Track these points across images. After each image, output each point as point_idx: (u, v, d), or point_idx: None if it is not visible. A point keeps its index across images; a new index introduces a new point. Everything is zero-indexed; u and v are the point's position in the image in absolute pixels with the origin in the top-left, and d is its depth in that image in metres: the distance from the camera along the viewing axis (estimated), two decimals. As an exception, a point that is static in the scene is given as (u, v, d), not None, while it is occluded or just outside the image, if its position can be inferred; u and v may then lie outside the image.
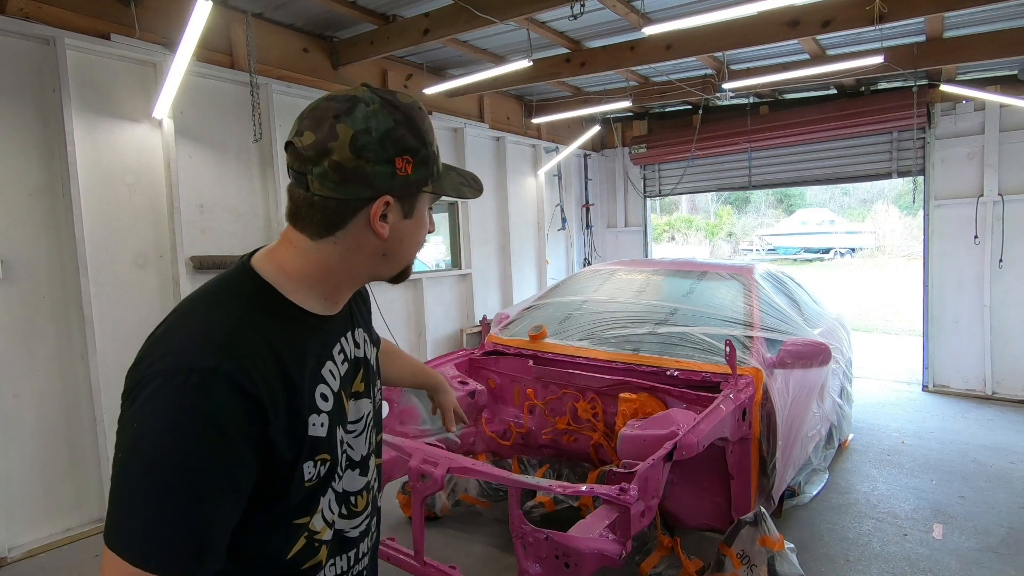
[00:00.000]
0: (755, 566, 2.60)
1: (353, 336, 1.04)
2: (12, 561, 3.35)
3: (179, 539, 0.73)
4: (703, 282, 3.86)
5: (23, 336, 3.44)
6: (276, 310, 0.90)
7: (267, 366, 0.83)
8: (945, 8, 4.05)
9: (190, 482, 0.74)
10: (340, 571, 1.01)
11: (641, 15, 4.42)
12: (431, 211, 1.03)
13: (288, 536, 0.90)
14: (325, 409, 0.92)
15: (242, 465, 0.79)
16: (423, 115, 0.93)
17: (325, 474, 0.92)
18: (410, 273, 1.04)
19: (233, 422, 0.77)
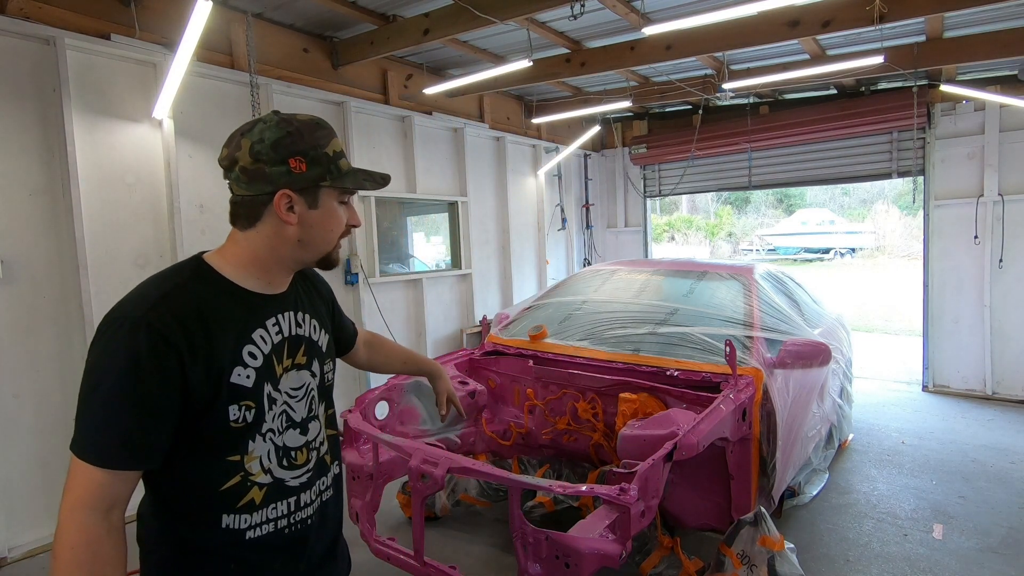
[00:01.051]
0: (755, 566, 2.60)
1: (295, 316, 1.26)
2: (12, 561, 3.35)
3: (109, 440, 1.02)
4: (703, 282, 3.86)
5: (23, 336, 3.44)
6: (209, 283, 1.16)
7: (189, 320, 1.07)
8: (945, 8, 4.05)
9: (117, 400, 1.02)
10: (280, 514, 1.20)
11: (641, 15, 4.42)
12: (346, 206, 1.24)
13: (223, 471, 1.13)
14: (253, 365, 1.15)
15: (158, 390, 1.03)
16: (317, 127, 1.17)
17: (252, 420, 1.14)
18: (337, 261, 1.26)
19: (151, 358, 1.02)
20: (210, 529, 1.14)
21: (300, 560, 1.25)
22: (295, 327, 1.25)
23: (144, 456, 1.04)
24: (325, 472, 1.32)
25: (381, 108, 5.55)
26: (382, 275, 5.63)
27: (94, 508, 1.00)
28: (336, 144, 1.20)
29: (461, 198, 6.49)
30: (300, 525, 1.24)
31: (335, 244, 1.23)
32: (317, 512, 1.28)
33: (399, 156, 5.83)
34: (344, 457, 2.83)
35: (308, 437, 1.26)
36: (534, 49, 5.11)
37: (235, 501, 1.15)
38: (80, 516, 0.99)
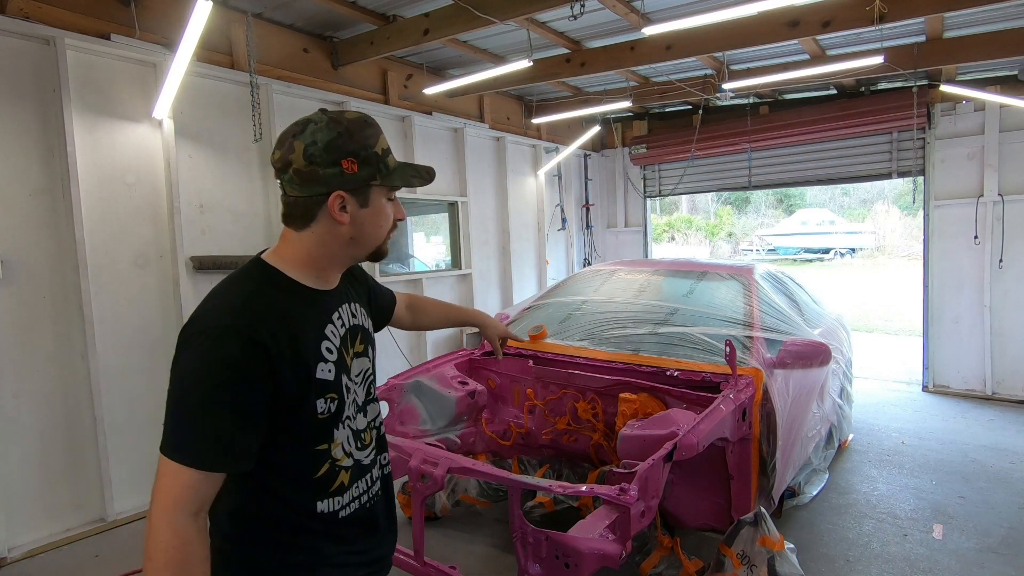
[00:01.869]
0: (755, 566, 2.60)
1: (350, 308, 1.33)
2: (12, 561, 3.35)
3: (203, 444, 1.05)
4: (703, 282, 3.86)
5: (23, 336, 3.44)
6: (280, 285, 1.19)
7: (274, 323, 1.11)
8: (945, 8, 4.05)
9: (213, 405, 1.05)
10: (360, 492, 1.30)
11: (641, 15, 4.42)
12: (393, 202, 1.27)
13: (313, 460, 1.20)
14: (331, 360, 1.21)
15: (250, 394, 1.07)
16: (365, 126, 1.20)
17: (335, 410, 1.21)
18: (386, 253, 1.31)
19: (244, 364, 1.07)
20: (305, 515, 1.20)
21: (376, 531, 1.34)
22: (351, 318, 1.32)
23: (238, 457, 1.08)
24: (384, 449, 1.42)
25: (381, 108, 5.55)
26: (382, 275, 5.63)
27: (185, 510, 1.03)
28: (383, 141, 1.22)
29: (461, 198, 6.49)
30: (373, 499, 1.33)
31: (383, 238, 1.28)
32: (381, 486, 1.38)
33: (399, 156, 5.77)
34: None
35: (369, 418, 1.35)
36: (534, 49, 5.11)
37: (328, 486, 1.22)
38: (173, 518, 1.02)
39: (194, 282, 4.19)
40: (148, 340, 3.97)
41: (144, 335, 3.95)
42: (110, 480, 3.73)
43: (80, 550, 3.50)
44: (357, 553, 1.29)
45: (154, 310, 4.00)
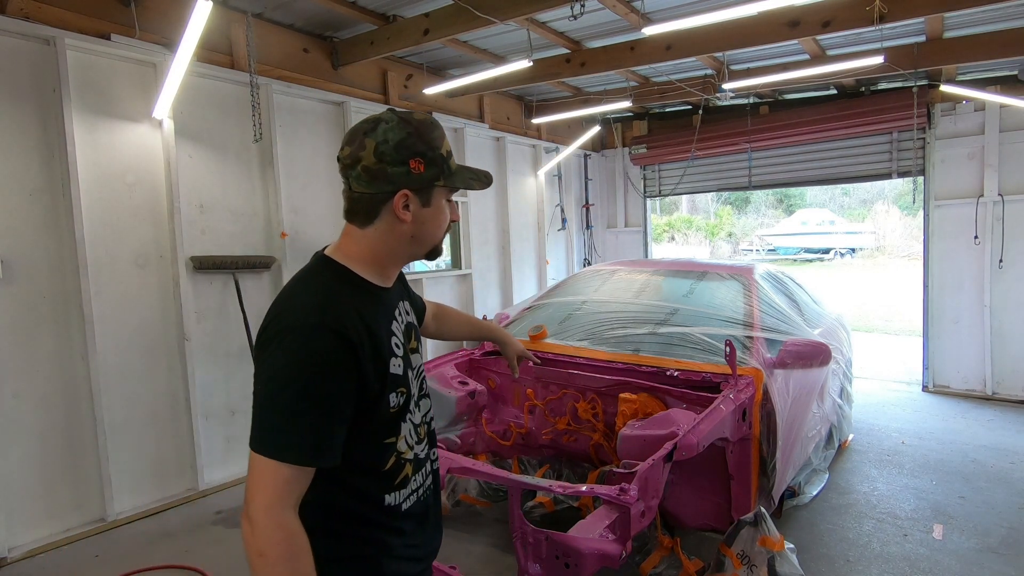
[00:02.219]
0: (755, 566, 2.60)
1: (404, 305, 1.36)
2: (12, 561, 3.35)
3: (301, 439, 1.06)
4: (703, 282, 3.86)
5: (23, 336, 3.44)
6: (351, 283, 1.21)
7: (354, 320, 1.14)
8: (945, 8, 4.05)
9: (305, 400, 1.06)
10: (418, 485, 1.32)
11: (641, 15, 4.42)
12: (452, 203, 1.30)
13: (382, 453, 1.23)
14: (399, 355, 1.25)
15: (341, 389, 1.10)
16: (433, 127, 1.23)
17: (403, 404, 1.25)
18: (440, 252, 1.33)
19: (334, 359, 1.09)
20: (374, 509, 1.23)
21: (427, 525, 1.36)
22: (406, 315, 1.36)
23: (330, 451, 1.11)
24: (434, 444, 1.44)
25: (381, 108, 5.51)
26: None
27: (287, 505, 1.06)
28: (447, 144, 1.26)
29: (461, 198, 6.48)
30: (427, 492, 1.36)
31: (440, 237, 1.30)
32: (432, 480, 1.40)
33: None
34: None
35: (422, 412, 1.37)
36: (534, 49, 5.11)
37: (394, 479, 1.25)
38: (278, 513, 1.04)
39: (194, 282, 4.19)
40: (148, 340, 3.97)
41: (144, 335, 3.95)
42: (110, 480, 3.73)
43: (80, 550, 3.50)
44: (413, 547, 1.31)
45: (154, 310, 4.00)
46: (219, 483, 4.31)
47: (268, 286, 4.68)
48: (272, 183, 4.63)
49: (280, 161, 4.68)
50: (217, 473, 4.33)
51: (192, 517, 3.90)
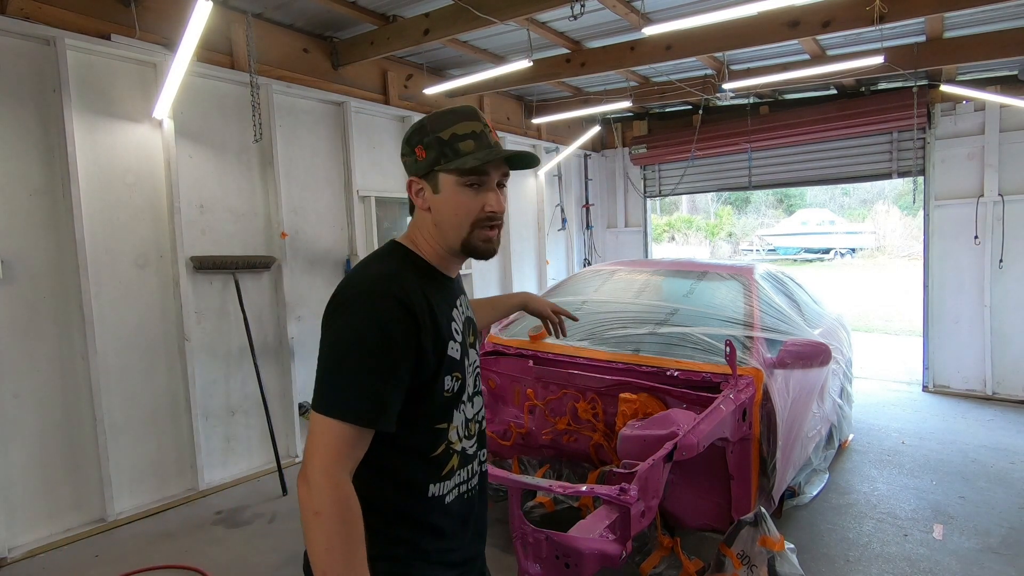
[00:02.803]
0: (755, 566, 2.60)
1: (464, 299, 1.39)
2: (12, 561, 3.35)
3: (362, 400, 1.09)
4: (703, 282, 3.86)
5: (23, 336, 3.44)
6: (417, 265, 1.26)
7: (418, 295, 1.17)
8: (945, 8, 4.05)
9: (369, 363, 1.10)
10: (462, 480, 1.31)
11: (641, 15, 4.42)
12: (474, 188, 1.22)
13: (434, 437, 1.23)
14: (458, 340, 1.27)
15: (402, 355, 1.12)
16: (447, 114, 1.24)
17: (457, 390, 1.26)
18: (480, 250, 1.27)
19: (397, 326, 1.12)
20: (416, 500, 1.22)
21: (469, 525, 1.33)
22: (466, 308, 1.39)
23: (389, 415, 1.12)
24: (485, 444, 1.41)
25: (381, 108, 5.55)
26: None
27: (344, 467, 1.08)
28: (462, 128, 1.21)
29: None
30: (471, 492, 1.34)
31: (466, 229, 1.24)
32: (479, 481, 1.37)
33: (399, 156, 5.82)
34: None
35: (475, 409, 1.36)
36: (534, 49, 5.11)
37: (440, 469, 1.24)
38: (335, 474, 1.06)
39: (194, 282, 4.19)
40: (148, 340, 3.97)
41: (144, 335, 3.95)
42: (110, 480, 3.73)
43: (80, 550, 3.50)
44: (449, 551, 1.28)
45: (154, 310, 4.00)
46: (219, 483, 4.31)
47: (268, 286, 4.68)
48: (272, 183, 4.64)
49: (280, 161, 4.68)
50: (217, 473, 4.33)
51: (192, 517, 3.90)
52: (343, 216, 5.26)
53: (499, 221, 1.26)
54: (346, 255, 5.27)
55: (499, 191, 1.26)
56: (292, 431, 4.81)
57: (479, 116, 1.24)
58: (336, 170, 5.20)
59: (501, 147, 1.24)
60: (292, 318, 4.79)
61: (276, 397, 4.72)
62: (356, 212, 5.30)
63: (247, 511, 3.96)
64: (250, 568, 3.28)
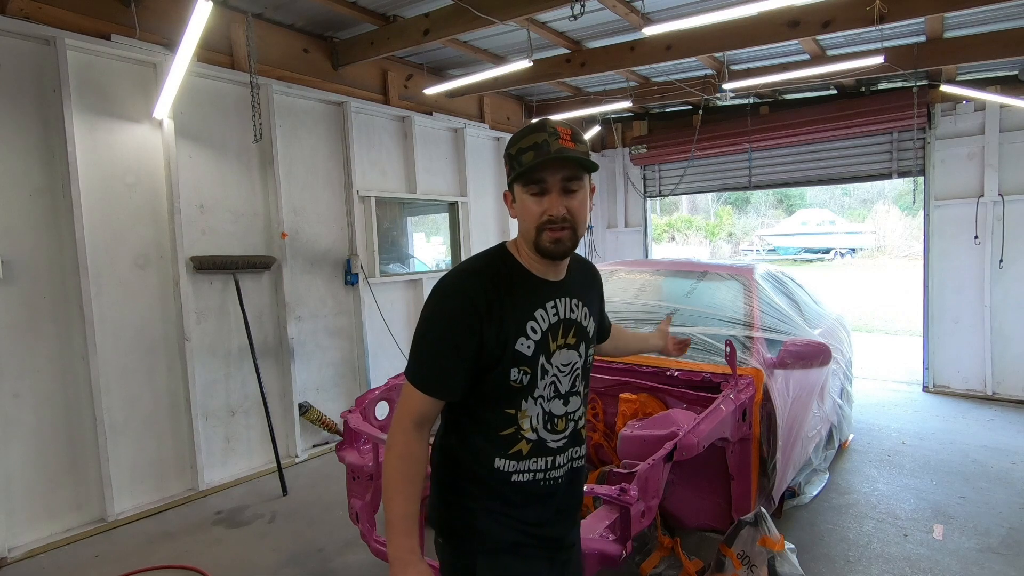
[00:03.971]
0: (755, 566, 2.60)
1: (570, 302, 1.48)
2: (12, 561, 3.35)
3: (428, 373, 1.36)
4: (703, 282, 3.85)
5: (23, 336, 3.44)
6: (506, 263, 1.42)
7: (491, 293, 1.35)
8: (945, 8, 4.05)
9: (437, 345, 1.36)
10: (539, 468, 1.45)
11: (641, 15, 4.42)
12: (539, 197, 1.36)
13: (501, 419, 1.41)
14: (533, 338, 1.39)
15: (464, 340, 1.34)
16: (522, 132, 1.38)
17: (527, 383, 1.40)
18: (548, 251, 1.38)
19: (461, 316, 1.34)
20: (486, 467, 1.42)
21: (547, 506, 1.48)
22: (569, 311, 1.47)
23: (451, 388, 1.37)
24: (579, 443, 1.54)
25: (381, 108, 5.55)
26: (382, 275, 5.63)
27: (415, 422, 1.36)
28: (526, 141, 1.35)
29: (461, 198, 6.49)
30: (552, 482, 1.47)
31: (533, 233, 1.37)
32: (566, 475, 1.50)
33: (399, 156, 5.83)
34: (344, 457, 2.83)
35: (568, 408, 1.48)
36: (534, 49, 5.11)
37: (507, 448, 1.42)
38: (404, 425, 1.36)
39: (194, 282, 4.19)
40: (148, 340, 3.97)
41: (144, 335, 3.95)
42: (110, 480, 3.73)
43: (80, 550, 3.50)
44: (518, 519, 1.44)
45: (154, 310, 4.00)
46: (219, 483, 4.31)
47: (268, 286, 4.68)
48: (272, 183, 4.63)
49: (280, 161, 4.68)
50: (217, 473, 4.33)
51: (192, 517, 3.90)
52: (343, 216, 5.26)
53: (564, 224, 1.36)
54: (346, 255, 5.27)
55: (565, 195, 1.36)
56: (292, 431, 4.81)
57: (546, 127, 1.36)
58: (336, 170, 5.20)
59: (563, 152, 1.33)
60: (292, 318, 4.79)
61: (276, 397, 4.72)
62: (356, 212, 5.30)
63: (247, 511, 3.96)
64: (250, 568, 3.28)
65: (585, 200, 1.41)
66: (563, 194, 1.36)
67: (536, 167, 1.33)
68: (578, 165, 1.36)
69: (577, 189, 1.37)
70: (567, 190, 1.36)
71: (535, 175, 1.34)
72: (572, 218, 1.36)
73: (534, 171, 1.33)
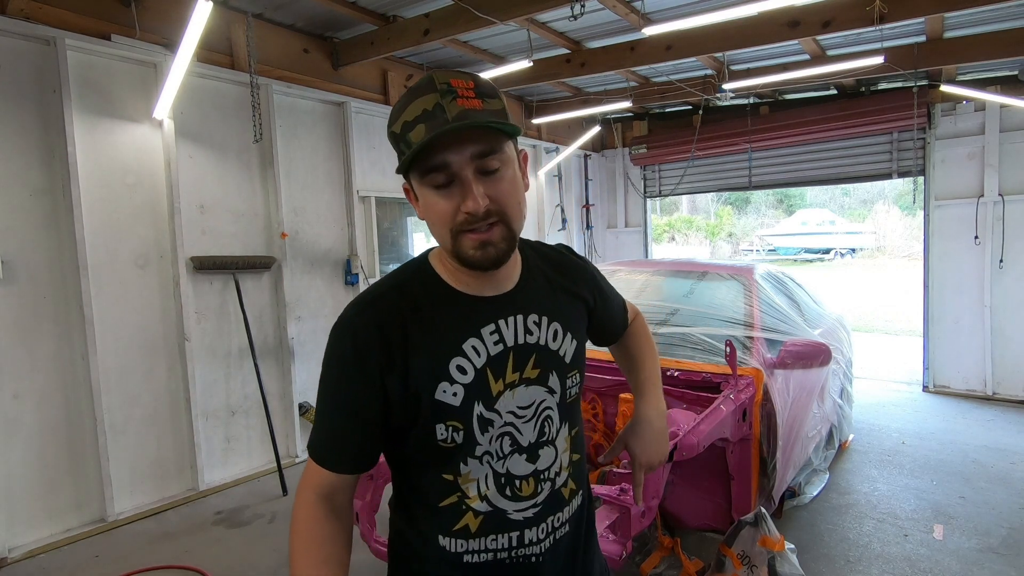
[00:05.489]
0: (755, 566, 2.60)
1: (524, 321, 1.06)
2: (12, 561, 3.35)
3: (323, 440, 1.02)
4: (703, 282, 3.86)
5: (23, 336, 3.44)
6: (426, 285, 1.04)
7: (393, 330, 0.98)
8: (945, 8, 4.05)
9: (329, 402, 1.01)
10: (501, 547, 1.06)
11: (641, 15, 4.42)
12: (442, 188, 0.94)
13: (439, 486, 1.04)
14: (462, 381, 1.00)
15: (361, 395, 0.99)
16: (401, 99, 0.95)
17: (463, 441, 1.01)
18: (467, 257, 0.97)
19: (353, 365, 0.98)
20: (431, 546, 1.06)
21: None
22: (524, 334, 1.05)
23: (353, 459, 1.02)
24: (560, 507, 1.11)
25: (382, 108, 5.55)
26: (382, 275, 5.62)
27: (318, 495, 1.02)
28: (411, 110, 0.92)
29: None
30: (525, 560, 1.08)
31: (448, 240, 0.97)
32: (549, 550, 1.10)
33: (399, 156, 5.82)
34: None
35: (540, 465, 1.07)
36: (534, 49, 5.11)
37: (450, 523, 1.04)
38: (307, 496, 1.02)
39: (194, 282, 4.19)
40: (148, 340, 3.97)
41: (144, 335, 3.95)
42: (110, 480, 3.73)
43: (80, 550, 3.49)
44: None
45: (154, 310, 4.00)
46: (219, 483, 4.31)
47: (268, 286, 4.68)
48: (272, 183, 4.64)
49: (280, 161, 4.68)
50: (217, 473, 4.33)
51: (192, 517, 3.90)
52: (343, 216, 5.26)
53: (489, 219, 0.94)
54: (346, 255, 5.27)
55: (483, 178, 0.94)
56: (292, 431, 4.81)
57: (435, 85, 0.92)
58: (336, 170, 5.20)
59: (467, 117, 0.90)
60: (292, 318, 4.79)
61: (276, 397, 4.72)
62: (356, 212, 5.30)
63: (247, 511, 3.96)
64: (250, 568, 3.28)
65: (515, 179, 0.99)
66: (480, 177, 0.94)
67: (430, 147, 0.90)
68: (494, 132, 0.95)
69: (499, 166, 0.96)
70: (484, 170, 0.94)
71: (433, 159, 0.92)
72: (500, 208, 0.95)
73: (430, 153, 0.91)
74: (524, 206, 1.01)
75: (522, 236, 1.07)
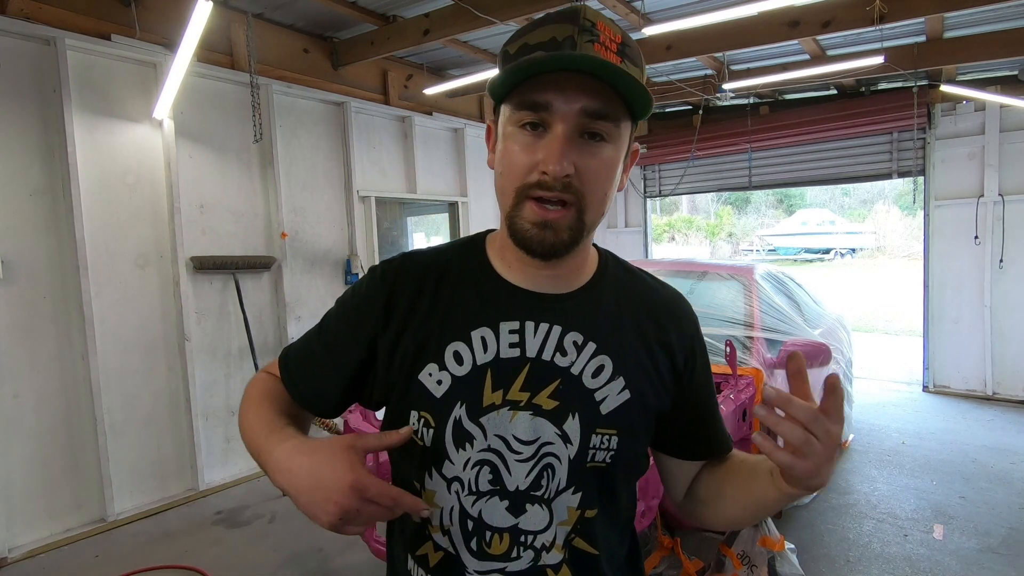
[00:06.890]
0: (755, 566, 2.60)
1: (562, 338, 0.83)
2: (12, 561, 3.35)
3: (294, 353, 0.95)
4: (703, 282, 3.86)
5: (23, 336, 3.44)
6: (470, 258, 0.90)
7: (411, 284, 0.87)
8: (945, 8, 4.04)
9: (322, 322, 0.94)
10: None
11: (641, 15, 4.41)
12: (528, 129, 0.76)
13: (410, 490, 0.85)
14: (452, 371, 0.82)
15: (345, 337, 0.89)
16: (532, 23, 0.79)
17: (432, 443, 0.82)
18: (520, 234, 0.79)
19: (358, 305, 0.89)
20: (401, 563, 0.91)
21: None
22: (553, 351, 0.83)
23: (306, 387, 0.91)
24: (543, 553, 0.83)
25: (381, 108, 5.55)
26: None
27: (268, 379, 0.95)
28: (538, 35, 0.75)
29: (461, 198, 6.49)
30: None
31: (510, 198, 0.79)
32: None
33: (399, 156, 5.83)
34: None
35: (521, 523, 0.82)
36: (534, 49, 5.10)
37: (415, 545, 0.87)
38: (260, 376, 0.96)
39: (194, 282, 4.19)
40: (148, 340, 3.97)
41: (144, 335, 3.95)
42: (110, 480, 3.73)
43: (80, 550, 3.49)
44: None
45: (154, 310, 4.00)
46: (219, 483, 4.31)
47: (268, 286, 4.68)
48: (272, 183, 4.64)
49: (280, 161, 4.68)
50: (217, 473, 4.33)
51: (192, 517, 3.90)
52: (343, 216, 5.26)
53: (563, 193, 0.75)
54: (346, 255, 5.27)
55: (580, 143, 0.75)
56: (292, 431, 4.80)
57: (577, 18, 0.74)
58: (336, 170, 5.20)
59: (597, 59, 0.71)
60: (292, 318, 4.79)
61: (276, 397, 4.71)
62: (356, 212, 5.31)
63: (247, 511, 3.96)
64: (250, 568, 3.28)
65: (613, 163, 0.78)
66: (576, 141, 0.75)
67: (539, 71, 0.73)
68: (620, 89, 0.73)
69: (606, 137, 0.76)
70: (588, 132, 0.75)
71: (535, 94, 0.74)
72: (581, 187, 0.76)
73: (536, 85, 0.74)
74: (608, 203, 0.81)
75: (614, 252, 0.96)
